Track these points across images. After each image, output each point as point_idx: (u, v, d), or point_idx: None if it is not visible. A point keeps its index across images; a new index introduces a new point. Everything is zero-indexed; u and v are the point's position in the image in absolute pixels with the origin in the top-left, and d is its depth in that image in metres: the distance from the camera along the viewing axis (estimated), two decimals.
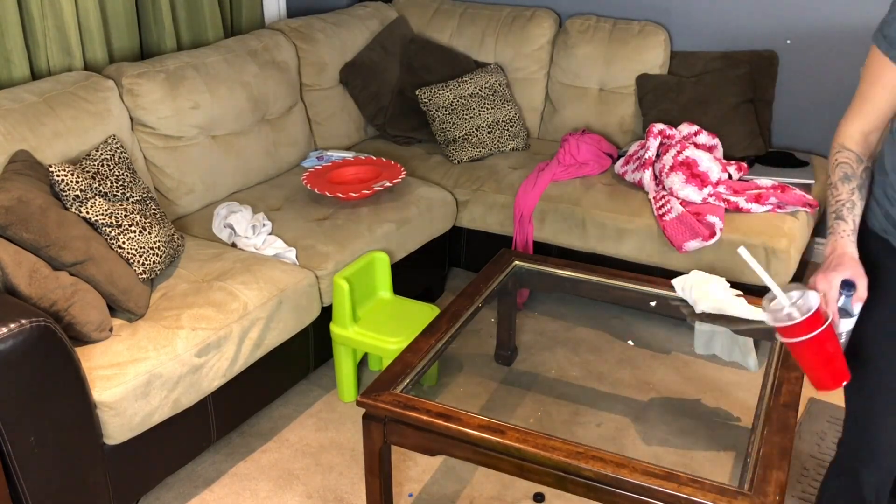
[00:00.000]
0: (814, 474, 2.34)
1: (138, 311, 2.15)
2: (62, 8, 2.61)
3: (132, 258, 2.20)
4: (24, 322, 1.71)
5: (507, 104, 3.45)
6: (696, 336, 2.83)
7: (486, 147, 3.35)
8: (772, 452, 1.73)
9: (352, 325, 2.55)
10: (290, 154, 3.22)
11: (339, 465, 2.40)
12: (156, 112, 2.68)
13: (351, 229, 2.71)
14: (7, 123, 2.28)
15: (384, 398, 1.90)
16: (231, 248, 2.56)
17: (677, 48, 3.46)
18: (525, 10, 3.65)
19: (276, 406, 2.66)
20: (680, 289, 2.38)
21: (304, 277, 2.46)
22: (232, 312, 2.21)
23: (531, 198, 3.01)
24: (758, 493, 1.62)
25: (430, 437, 1.87)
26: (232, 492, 2.30)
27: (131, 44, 2.92)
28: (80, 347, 2.00)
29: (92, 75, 2.59)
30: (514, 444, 1.76)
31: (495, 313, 2.80)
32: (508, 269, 2.55)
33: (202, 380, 2.12)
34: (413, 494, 2.29)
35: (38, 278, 1.95)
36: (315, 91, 3.35)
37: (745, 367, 2.63)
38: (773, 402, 1.90)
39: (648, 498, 1.68)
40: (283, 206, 2.89)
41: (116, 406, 1.92)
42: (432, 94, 3.35)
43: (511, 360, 2.84)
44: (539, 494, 2.27)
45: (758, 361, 2.73)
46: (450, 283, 3.42)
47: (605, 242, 2.93)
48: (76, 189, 2.17)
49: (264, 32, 3.20)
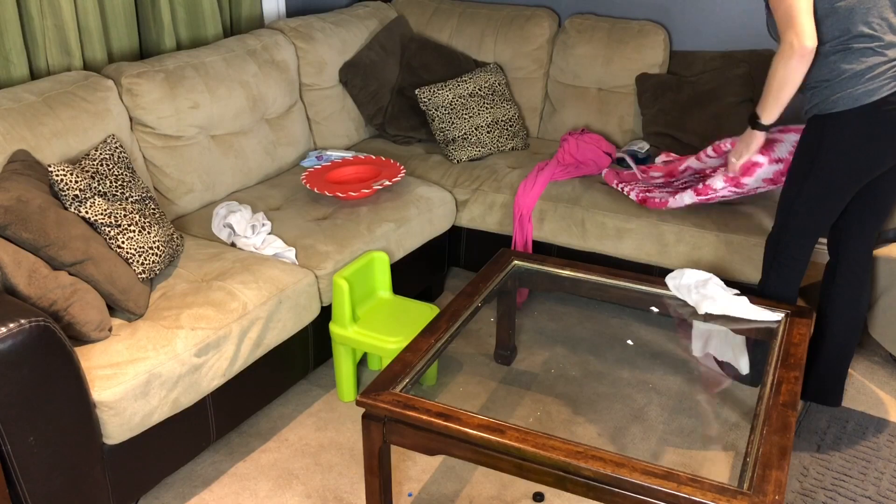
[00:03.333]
0: (814, 474, 2.34)
1: (138, 310, 2.15)
2: (61, 7, 2.61)
3: (131, 258, 2.20)
4: (23, 322, 1.71)
5: (506, 104, 3.45)
6: (693, 339, 2.83)
7: (485, 147, 3.35)
8: (772, 452, 1.73)
9: (351, 324, 2.55)
10: (290, 153, 3.22)
11: (338, 464, 2.40)
12: (155, 112, 2.68)
13: (350, 229, 2.71)
14: (6, 123, 2.28)
15: (384, 398, 1.90)
16: (230, 248, 2.56)
17: (677, 48, 3.46)
18: (524, 9, 3.65)
19: (275, 406, 2.66)
20: (674, 287, 2.39)
21: (304, 277, 2.46)
22: (231, 312, 2.21)
23: (530, 197, 3.01)
24: (757, 492, 1.62)
25: (429, 437, 1.87)
26: (231, 492, 2.30)
27: (130, 43, 2.92)
28: (79, 347, 2.00)
29: (91, 75, 2.59)
30: (513, 443, 1.76)
31: (495, 313, 2.80)
32: (508, 268, 2.55)
33: (202, 379, 2.12)
34: (413, 494, 2.29)
35: (37, 278, 1.95)
36: (314, 91, 3.35)
37: (737, 367, 2.63)
38: (772, 402, 1.90)
39: (648, 497, 1.68)
40: (283, 206, 2.89)
41: (116, 406, 1.92)
42: (432, 94, 3.35)
43: (510, 359, 2.84)
44: (539, 494, 2.27)
45: (749, 363, 2.73)
46: (449, 283, 3.42)
47: (604, 242, 2.93)
48: (75, 189, 2.16)
49: (264, 32, 3.20)
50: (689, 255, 2.80)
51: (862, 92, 2.12)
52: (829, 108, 2.18)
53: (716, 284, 2.35)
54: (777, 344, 2.16)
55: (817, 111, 2.22)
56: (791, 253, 2.40)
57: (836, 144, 2.19)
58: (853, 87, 2.13)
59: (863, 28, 2.11)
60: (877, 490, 2.28)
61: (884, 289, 2.67)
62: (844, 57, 2.14)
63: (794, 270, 2.42)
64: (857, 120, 2.15)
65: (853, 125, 2.15)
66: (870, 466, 2.37)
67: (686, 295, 2.36)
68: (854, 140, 2.17)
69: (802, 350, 2.11)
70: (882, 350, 2.94)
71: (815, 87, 2.22)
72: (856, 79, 2.12)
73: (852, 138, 2.17)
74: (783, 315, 2.29)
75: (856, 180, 2.23)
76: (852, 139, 2.17)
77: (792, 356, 2.08)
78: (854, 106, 2.13)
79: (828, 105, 2.18)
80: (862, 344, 2.97)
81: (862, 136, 2.16)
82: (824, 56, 2.17)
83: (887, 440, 2.48)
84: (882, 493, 2.27)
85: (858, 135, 2.16)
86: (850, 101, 2.14)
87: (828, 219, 2.32)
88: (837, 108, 2.16)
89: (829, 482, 2.31)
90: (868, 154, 2.18)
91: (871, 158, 2.18)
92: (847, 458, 2.41)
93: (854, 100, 2.13)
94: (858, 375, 2.81)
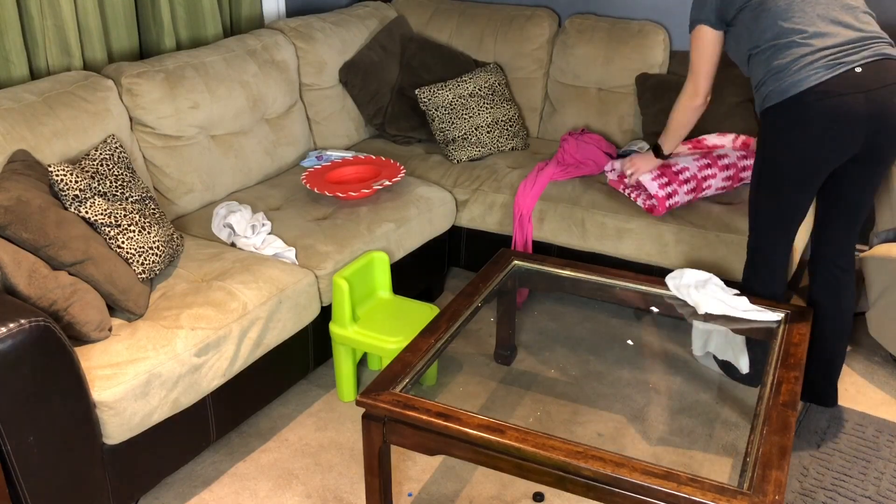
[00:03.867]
0: (814, 474, 2.34)
1: (137, 310, 2.15)
2: (61, 7, 2.61)
3: (131, 258, 2.20)
4: (23, 322, 1.71)
5: (506, 104, 3.45)
6: (694, 338, 2.83)
7: (485, 147, 3.35)
8: (772, 452, 1.73)
9: (351, 324, 2.55)
10: (290, 153, 3.22)
11: (338, 464, 2.40)
12: (155, 112, 2.68)
13: (350, 229, 2.71)
14: (6, 123, 2.28)
15: (384, 398, 1.90)
16: (230, 248, 2.56)
17: (677, 47, 3.46)
18: (524, 9, 3.65)
19: (275, 406, 2.66)
20: (674, 288, 2.39)
21: (304, 277, 2.46)
22: (231, 312, 2.21)
23: (530, 197, 3.01)
24: (757, 492, 1.62)
25: (429, 437, 1.87)
26: (231, 491, 2.30)
27: (130, 43, 2.92)
28: (79, 347, 2.00)
29: (91, 75, 2.59)
30: (513, 443, 1.76)
31: (494, 313, 2.80)
32: (508, 268, 2.55)
33: (201, 379, 2.12)
34: (413, 494, 2.29)
35: (37, 278, 1.95)
36: (314, 90, 3.35)
37: (737, 366, 2.63)
38: (772, 402, 1.90)
39: (648, 497, 1.68)
40: (283, 206, 2.89)
41: (116, 406, 1.92)
42: (431, 94, 3.35)
43: (510, 359, 2.84)
44: (539, 494, 2.27)
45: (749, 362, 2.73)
46: (449, 283, 3.42)
47: (604, 242, 2.93)
48: (75, 189, 2.16)
49: (263, 32, 3.20)
50: (689, 255, 2.80)
51: (789, 83, 2.17)
52: (766, 103, 2.24)
53: (715, 285, 2.35)
54: (777, 344, 2.16)
55: (759, 109, 2.29)
56: (763, 252, 2.42)
57: (776, 138, 2.24)
58: (781, 81, 2.18)
59: (784, 24, 2.18)
60: (877, 490, 2.28)
61: (883, 289, 2.66)
62: (774, 54, 2.21)
63: (770, 270, 2.44)
64: (787, 112, 2.19)
65: (785, 117, 2.20)
66: (870, 466, 2.37)
67: (686, 295, 2.36)
68: (791, 132, 2.20)
69: (802, 350, 2.11)
70: (882, 350, 2.94)
71: (756, 88, 2.29)
72: (784, 72, 2.18)
73: (788, 130, 2.20)
74: (783, 315, 2.29)
75: (806, 173, 2.24)
76: (789, 131, 2.20)
77: (792, 356, 2.08)
78: (783, 98, 2.18)
79: (764, 101, 2.25)
80: (861, 344, 2.97)
81: (796, 126, 2.19)
82: (759, 57, 2.25)
83: (887, 440, 2.48)
84: (882, 493, 2.27)
85: (792, 126, 2.19)
86: (778, 95, 2.19)
87: (791, 215, 2.34)
88: (770, 103, 2.22)
89: (829, 482, 2.31)
90: (808, 144, 2.19)
91: (812, 149, 2.19)
92: (847, 458, 2.41)
93: (781, 92, 2.18)
94: (858, 375, 2.81)
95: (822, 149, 2.18)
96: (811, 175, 2.24)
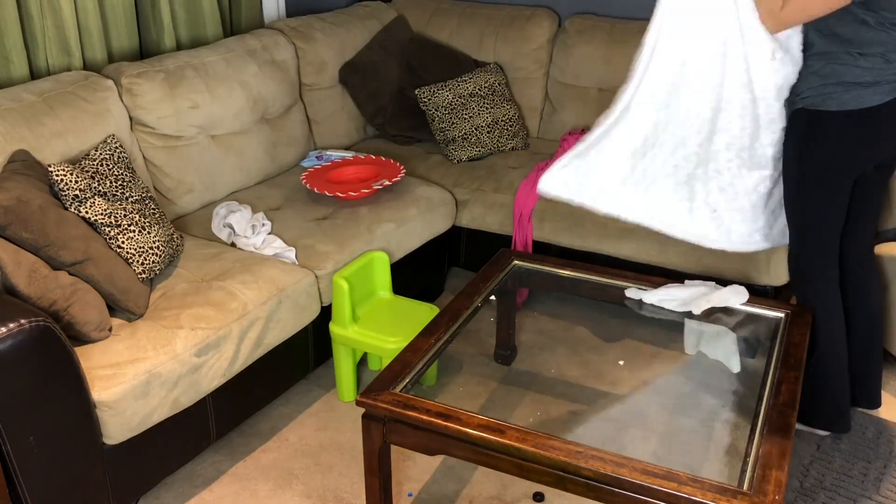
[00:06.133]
0: (814, 474, 2.34)
1: (138, 310, 2.15)
2: (61, 7, 2.61)
3: (131, 258, 2.20)
4: (23, 322, 1.71)
5: (506, 104, 3.45)
6: (686, 336, 2.83)
7: (485, 147, 3.35)
8: (772, 452, 1.73)
9: (351, 324, 2.54)
10: (290, 153, 3.22)
11: (338, 464, 2.40)
12: (155, 112, 2.68)
13: (350, 229, 2.71)
14: (6, 123, 2.28)
15: (384, 398, 1.90)
16: (230, 248, 2.56)
17: None
18: (524, 9, 3.65)
19: (275, 406, 2.66)
20: (659, 302, 2.42)
21: (304, 277, 2.46)
22: (231, 312, 2.21)
23: (531, 197, 3.01)
24: (758, 492, 1.62)
25: (429, 437, 1.87)
26: (231, 491, 2.30)
27: (130, 43, 2.92)
28: (79, 347, 2.00)
29: (91, 75, 2.59)
30: (513, 443, 1.76)
31: (495, 313, 2.80)
32: (508, 268, 2.55)
33: (202, 379, 2.12)
34: (413, 494, 2.29)
35: (37, 278, 1.95)
36: (314, 90, 3.35)
37: (728, 365, 2.63)
38: (772, 402, 1.90)
39: (648, 497, 1.68)
40: (283, 206, 2.89)
41: (116, 406, 1.92)
42: (432, 94, 3.35)
43: (510, 359, 2.84)
44: (539, 494, 2.27)
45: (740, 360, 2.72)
46: (449, 283, 3.42)
47: (604, 242, 2.93)
48: (75, 189, 2.16)
49: (263, 32, 3.20)
50: (689, 255, 2.80)
51: (867, 94, 2.11)
52: (826, 102, 2.15)
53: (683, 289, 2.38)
54: (777, 344, 2.16)
55: (809, 103, 2.19)
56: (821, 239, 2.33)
57: (839, 139, 2.18)
58: (853, 90, 2.11)
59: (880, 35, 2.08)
60: (877, 490, 2.28)
61: (883, 288, 2.66)
62: (856, 60, 2.10)
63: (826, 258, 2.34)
64: (862, 119, 2.13)
65: (860, 124, 2.14)
66: (870, 466, 2.37)
67: (673, 307, 2.38)
68: (862, 139, 2.17)
69: (802, 350, 2.11)
70: None
71: (810, 76, 2.18)
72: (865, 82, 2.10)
73: (859, 138, 2.17)
74: (783, 315, 2.29)
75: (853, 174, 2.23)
76: (860, 138, 2.17)
77: (792, 356, 2.08)
78: (861, 107, 2.11)
79: (826, 100, 2.15)
80: None
81: (866, 136, 2.16)
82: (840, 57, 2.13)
83: (887, 440, 2.48)
84: (882, 493, 2.27)
85: (861, 135, 2.16)
86: (856, 102, 2.11)
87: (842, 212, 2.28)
88: (843, 107, 2.13)
89: (829, 482, 2.31)
90: (869, 151, 2.20)
91: (866, 156, 2.20)
92: (847, 458, 2.41)
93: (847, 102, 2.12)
94: None
95: (879, 154, 2.23)
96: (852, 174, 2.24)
